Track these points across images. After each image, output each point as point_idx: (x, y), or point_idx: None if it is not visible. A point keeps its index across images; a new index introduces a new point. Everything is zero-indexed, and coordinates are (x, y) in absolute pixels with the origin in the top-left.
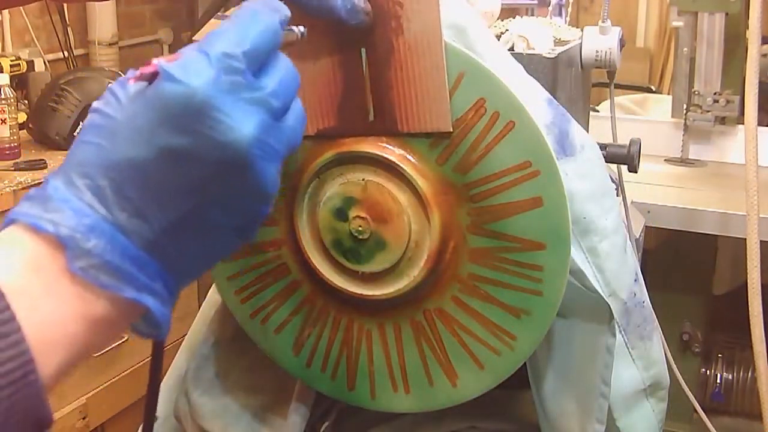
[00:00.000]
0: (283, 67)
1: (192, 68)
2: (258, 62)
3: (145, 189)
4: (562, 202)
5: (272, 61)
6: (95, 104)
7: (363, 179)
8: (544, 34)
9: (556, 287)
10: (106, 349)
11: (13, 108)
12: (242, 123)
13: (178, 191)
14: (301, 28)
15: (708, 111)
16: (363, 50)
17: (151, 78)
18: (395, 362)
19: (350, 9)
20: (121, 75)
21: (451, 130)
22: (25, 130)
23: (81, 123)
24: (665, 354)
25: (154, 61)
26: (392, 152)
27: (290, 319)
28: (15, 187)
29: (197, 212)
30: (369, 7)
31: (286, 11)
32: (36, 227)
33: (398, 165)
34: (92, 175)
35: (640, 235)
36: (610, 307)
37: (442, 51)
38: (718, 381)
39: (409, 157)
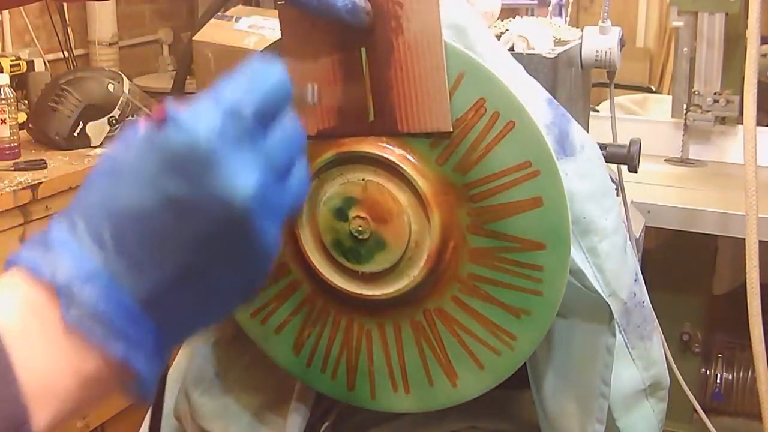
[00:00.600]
0: (291, 127)
1: (200, 117)
2: (267, 118)
3: (145, 238)
4: (562, 202)
5: (281, 119)
6: (106, 149)
7: (363, 179)
8: (544, 34)
9: (556, 287)
10: None
11: (13, 108)
12: (243, 178)
13: (177, 244)
14: (315, 90)
15: (708, 111)
16: (363, 50)
17: (161, 123)
18: (395, 362)
19: (351, 9)
20: (121, 75)
21: (451, 130)
22: (25, 130)
23: (81, 123)
24: (665, 354)
25: (167, 106)
26: (392, 152)
27: (290, 319)
28: (15, 187)
29: (195, 268)
30: (369, 7)
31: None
32: (34, 272)
33: (398, 165)
34: (94, 219)
35: (640, 235)
36: (610, 307)
37: (442, 51)
38: (718, 381)
39: (409, 157)
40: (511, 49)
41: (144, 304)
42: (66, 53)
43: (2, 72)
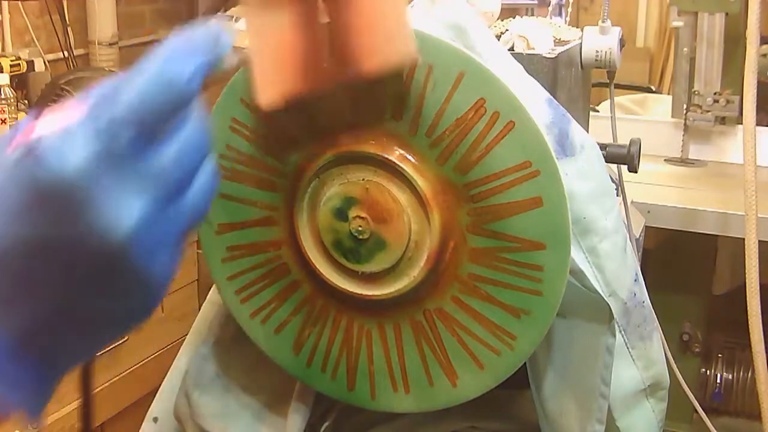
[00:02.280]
0: (189, 130)
1: (73, 144)
2: (157, 127)
3: (13, 277)
4: (562, 202)
5: (178, 122)
6: None
7: (363, 179)
8: (544, 34)
9: (556, 287)
10: (106, 349)
11: (13, 108)
12: (123, 213)
13: (49, 281)
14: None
15: (708, 111)
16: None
17: (31, 145)
18: (395, 362)
19: None
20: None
21: (417, 56)
22: None
23: None
24: (665, 354)
25: (38, 125)
26: (392, 152)
27: (290, 319)
28: None
29: (72, 302)
30: None
31: (222, 41)
32: None
33: (398, 165)
34: None
35: (640, 235)
36: (610, 307)
37: None
38: (718, 381)
39: (409, 157)
40: (511, 49)
41: (19, 341)
42: (66, 53)
43: (2, 72)
